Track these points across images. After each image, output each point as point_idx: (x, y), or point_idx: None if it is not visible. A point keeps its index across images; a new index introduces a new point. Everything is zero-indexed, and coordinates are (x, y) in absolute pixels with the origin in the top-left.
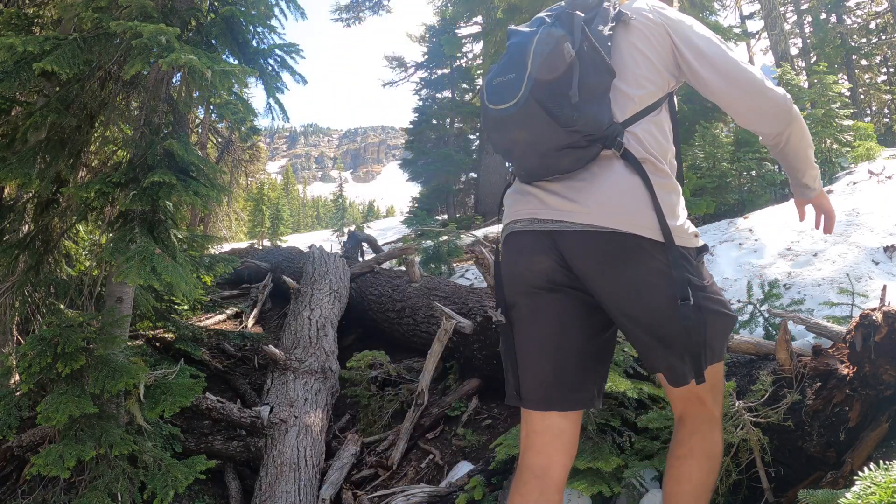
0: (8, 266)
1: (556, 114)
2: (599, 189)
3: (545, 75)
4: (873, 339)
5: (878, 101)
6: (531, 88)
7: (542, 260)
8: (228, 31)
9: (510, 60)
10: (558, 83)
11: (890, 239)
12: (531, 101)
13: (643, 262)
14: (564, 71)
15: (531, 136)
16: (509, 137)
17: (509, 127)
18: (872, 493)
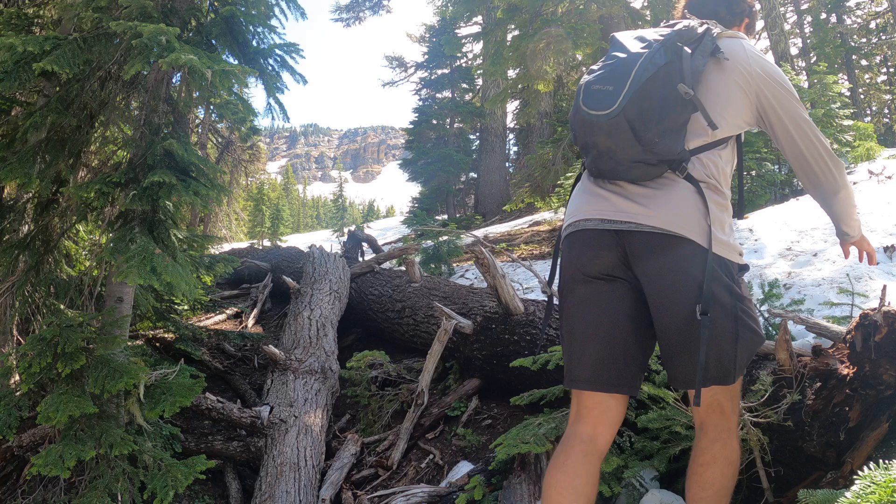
0: (8, 266)
1: (640, 135)
2: (665, 199)
3: (643, 99)
4: (873, 339)
5: (878, 101)
6: (625, 107)
7: (607, 255)
8: (228, 31)
9: (613, 73)
10: (649, 109)
11: (890, 239)
12: (622, 117)
13: (690, 264)
14: (657, 99)
15: (612, 145)
16: (592, 140)
17: (595, 131)
18: (872, 492)
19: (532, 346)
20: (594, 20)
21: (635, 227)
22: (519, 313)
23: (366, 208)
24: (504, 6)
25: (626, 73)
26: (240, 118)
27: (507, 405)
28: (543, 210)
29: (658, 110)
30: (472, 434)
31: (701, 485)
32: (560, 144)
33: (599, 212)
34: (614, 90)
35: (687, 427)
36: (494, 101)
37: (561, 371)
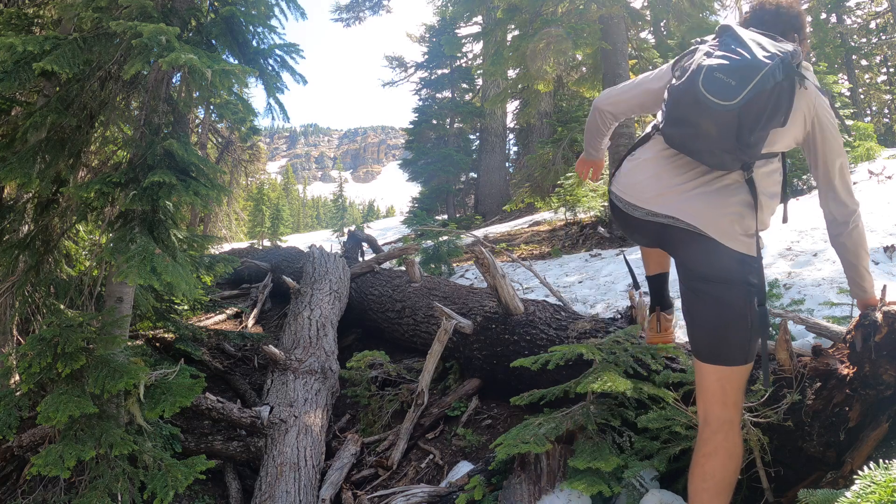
0: (8, 266)
1: (744, 133)
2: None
3: (756, 104)
4: (873, 339)
5: (878, 101)
6: (742, 105)
7: (641, 238)
8: (228, 31)
9: (738, 69)
10: (758, 114)
11: (890, 239)
12: (735, 112)
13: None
14: (766, 109)
15: (714, 132)
16: (697, 119)
17: (705, 115)
18: (872, 492)
19: (532, 345)
20: (594, 20)
21: (674, 223)
22: (519, 313)
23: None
24: (504, 6)
25: (751, 76)
26: (240, 118)
27: (507, 405)
28: (543, 210)
29: (764, 118)
30: (472, 434)
31: (702, 476)
32: (560, 144)
33: (647, 201)
34: (737, 86)
35: (687, 427)
36: (494, 101)
37: (561, 371)
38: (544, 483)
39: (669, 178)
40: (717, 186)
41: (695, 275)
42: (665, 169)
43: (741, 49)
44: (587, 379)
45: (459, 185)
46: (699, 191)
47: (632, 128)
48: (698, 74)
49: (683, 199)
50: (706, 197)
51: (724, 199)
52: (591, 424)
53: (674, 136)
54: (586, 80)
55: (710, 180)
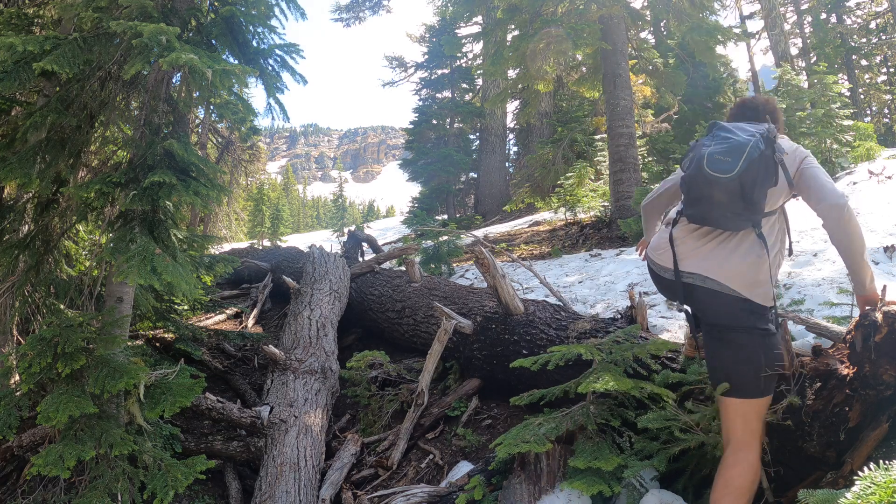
0: (8, 266)
1: (748, 196)
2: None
3: (750, 172)
4: (873, 339)
5: (878, 101)
6: (740, 174)
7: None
8: (228, 31)
9: (730, 149)
10: (754, 177)
11: (890, 239)
12: (737, 180)
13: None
14: (759, 172)
15: (724, 199)
16: (710, 193)
17: (713, 187)
18: (872, 493)
19: (532, 345)
20: (594, 20)
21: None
22: (519, 313)
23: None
24: (504, 6)
25: (741, 150)
26: (240, 118)
27: (507, 405)
28: (543, 210)
29: (760, 180)
30: (472, 434)
31: (725, 483)
32: (560, 144)
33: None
34: (732, 161)
35: (683, 431)
36: (494, 101)
37: (561, 371)
38: (544, 483)
39: (693, 244)
40: (733, 243)
41: (716, 326)
42: (690, 239)
43: (730, 135)
44: (587, 379)
45: (459, 185)
46: (718, 249)
47: (632, 128)
48: (702, 160)
49: (704, 257)
50: (724, 253)
51: (740, 253)
52: (591, 424)
53: (694, 213)
54: (586, 80)
55: (725, 239)
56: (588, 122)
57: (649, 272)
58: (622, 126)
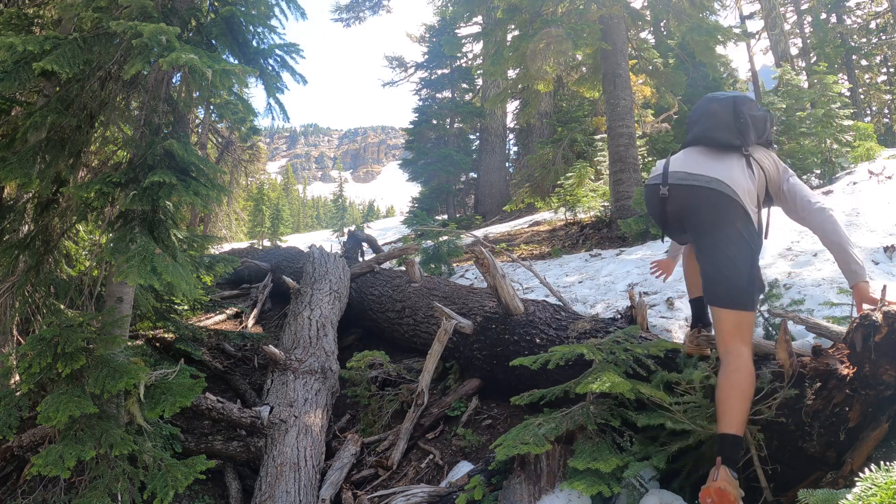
0: (8, 266)
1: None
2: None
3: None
4: (873, 339)
5: (878, 101)
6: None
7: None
8: (228, 31)
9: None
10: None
11: (890, 239)
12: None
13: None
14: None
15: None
16: (709, 108)
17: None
18: (873, 494)
19: (532, 345)
20: (594, 20)
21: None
22: (519, 313)
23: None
24: (504, 6)
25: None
26: (240, 118)
27: (507, 405)
28: (543, 210)
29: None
30: (472, 434)
31: (730, 385)
32: (560, 144)
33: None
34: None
35: (683, 430)
36: (494, 101)
37: (561, 371)
38: (544, 483)
39: (696, 157)
40: (725, 157)
41: (709, 227)
42: (689, 159)
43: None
44: (587, 379)
45: (459, 185)
46: (715, 159)
47: (632, 128)
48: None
49: (706, 164)
50: (726, 166)
51: (731, 163)
52: (591, 424)
53: (697, 133)
54: (586, 80)
55: (720, 154)
56: (588, 122)
57: (649, 204)
58: (622, 126)
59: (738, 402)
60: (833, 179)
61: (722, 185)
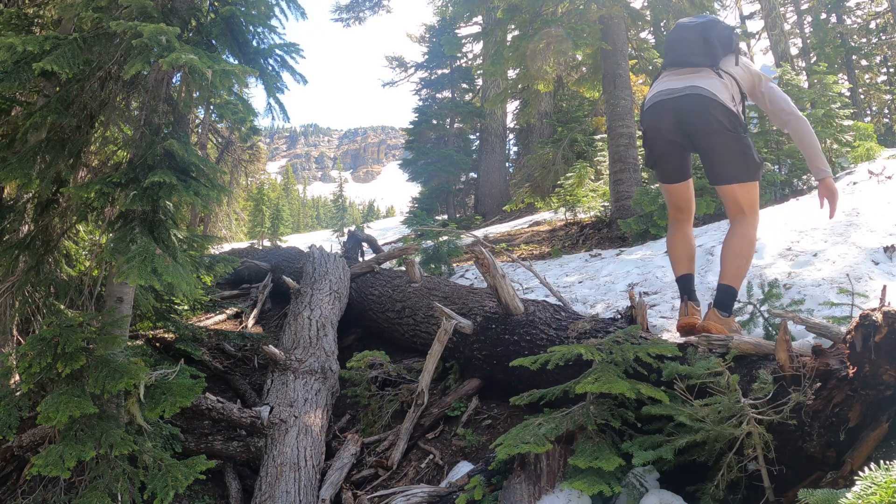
0: (8, 266)
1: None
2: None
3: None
4: (873, 339)
5: (878, 101)
6: (700, 24)
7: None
8: (228, 31)
9: (693, 21)
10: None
11: (890, 239)
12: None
13: (716, 114)
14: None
15: (691, 36)
16: (682, 35)
17: (684, 30)
18: (873, 493)
19: (532, 346)
20: (594, 20)
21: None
22: (519, 313)
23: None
24: (504, 6)
25: (703, 20)
26: (240, 118)
27: (507, 405)
28: (543, 210)
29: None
30: (472, 434)
31: (735, 252)
32: (560, 144)
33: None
34: (697, 22)
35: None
36: (494, 101)
37: (561, 371)
38: (544, 483)
39: (680, 76)
40: (700, 73)
41: (705, 127)
42: (672, 77)
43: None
44: (587, 379)
45: (459, 185)
46: (696, 75)
47: (632, 128)
48: (681, 25)
49: (691, 80)
50: (700, 78)
51: (710, 79)
52: (591, 424)
53: (673, 56)
54: (586, 80)
55: (698, 72)
56: (588, 122)
57: (644, 133)
58: (622, 126)
59: (739, 262)
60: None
61: (702, 90)
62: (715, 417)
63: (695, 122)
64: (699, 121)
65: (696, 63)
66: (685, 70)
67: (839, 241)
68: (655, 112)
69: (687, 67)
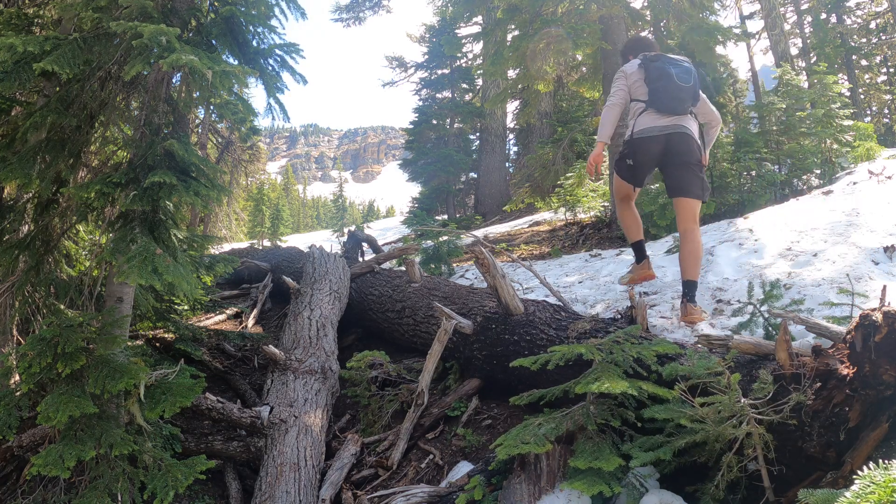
0: (8, 266)
1: (695, 95)
2: (688, 124)
3: (696, 83)
4: (873, 339)
5: (878, 101)
6: (693, 83)
7: (649, 162)
8: (228, 31)
9: (686, 72)
10: (697, 86)
11: (890, 239)
12: (692, 86)
13: (695, 149)
14: (699, 83)
15: (684, 96)
16: (679, 94)
17: (682, 91)
18: (871, 492)
19: (532, 346)
20: (594, 20)
21: (678, 130)
22: (519, 313)
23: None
24: (504, 6)
25: (691, 73)
26: (240, 118)
27: (507, 405)
28: (543, 210)
29: (699, 86)
30: (472, 434)
31: (691, 253)
32: (560, 144)
33: (661, 126)
34: (689, 77)
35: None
36: (494, 101)
37: (561, 371)
38: (544, 483)
39: (663, 119)
40: (684, 117)
41: (686, 159)
42: (657, 118)
43: (675, 64)
44: (587, 379)
45: (459, 185)
46: (680, 119)
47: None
48: (671, 77)
49: (676, 121)
50: (684, 120)
51: (690, 121)
52: (591, 424)
53: (669, 105)
54: (586, 80)
55: (681, 115)
56: (588, 122)
57: (635, 153)
58: (622, 126)
59: (696, 262)
60: (833, 179)
61: (688, 129)
62: (715, 417)
63: (678, 152)
64: (683, 153)
65: (685, 111)
66: (664, 114)
67: (839, 241)
68: (649, 141)
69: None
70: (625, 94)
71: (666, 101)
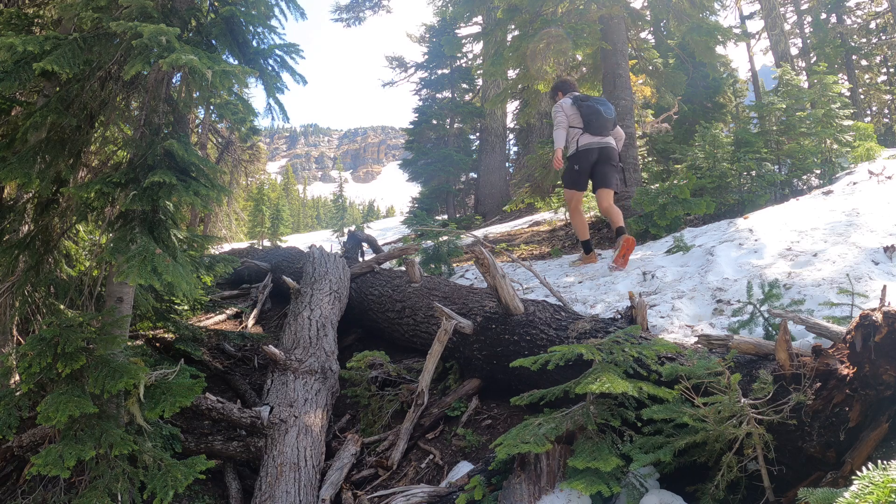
0: (8, 266)
1: (614, 122)
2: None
3: (614, 116)
4: (873, 339)
5: (878, 101)
6: (612, 116)
7: (587, 168)
8: (228, 31)
9: (608, 109)
10: (615, 117)
11: (890, 239)
12: (613, 118)
13: (615, 156)
14: (616, 116)
15: (609, 125)
16: (606, 123)
17: (609, 122)
18: (870, 492)
19: (532, 346)
20: (594, 20)
21: (606, 144)
22: (519, 313)
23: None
24: (504, 6)
25: (611, 109)
26: (240, 118)
27: (507, 405)
28: (543, 210)
29: (616, 118)
30: (472, 434)
31: (618, 214)
32: None
33: (600, 140)
34: (610, 112)
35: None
36: (494, 101)
37: (561, 371)
38: (544, 483)
39: (598, 137)
40: (607, 137)
41: (612, 163)
42: (594, 138)
43: (603, 103)
44: (587, 379)
45: (459, 185)
46: (605, 138)
47: (632, 128)
48: (601, 112)
49: (607, 137)
50: (608, 139)
51: (610, 139)
52: (591, 424)
53: (601, 131)
54: (586, 80)
55: (605, 136)
56: None
57: (580, 161)
58: (622, 126)
59: (620, 218)
60: (833, 179)
61: (612, 143)
62: (715, 417)
63: (608, 160)
64: (612, 160)
65: (609, 132)
66: (597, 134)
67: (839, 241)
68: (589, 152)
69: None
70: (566, 121)
71: (597, 127)
